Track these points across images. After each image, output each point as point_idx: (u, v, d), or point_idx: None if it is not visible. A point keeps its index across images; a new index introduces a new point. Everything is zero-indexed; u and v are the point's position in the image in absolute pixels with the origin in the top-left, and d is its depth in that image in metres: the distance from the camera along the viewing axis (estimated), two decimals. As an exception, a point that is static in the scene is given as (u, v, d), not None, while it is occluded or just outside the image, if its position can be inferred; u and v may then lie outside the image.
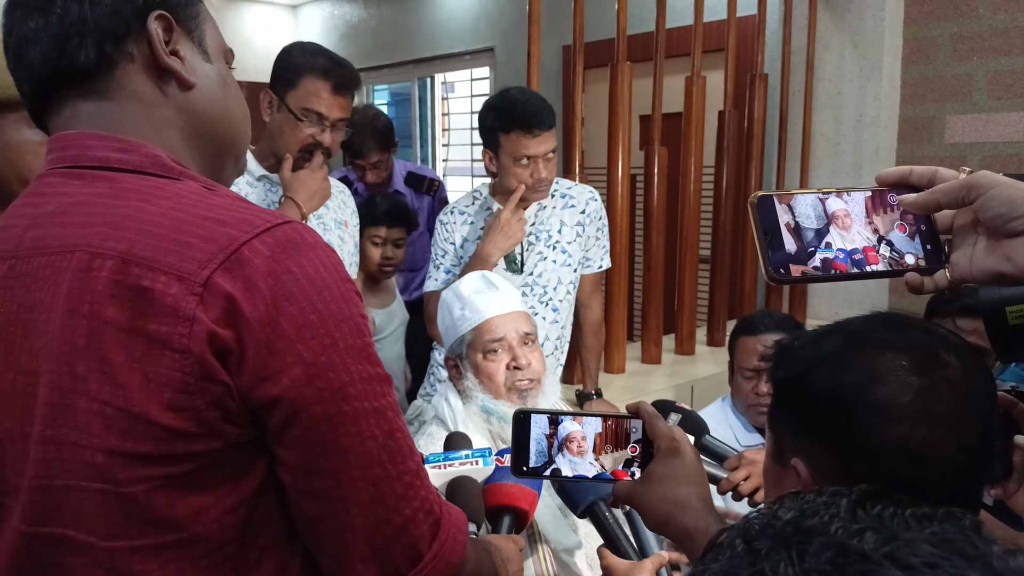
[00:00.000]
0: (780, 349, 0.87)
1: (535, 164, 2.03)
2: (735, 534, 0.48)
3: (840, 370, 0.77)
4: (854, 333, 0.80)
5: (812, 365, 0.80)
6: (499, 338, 1.57)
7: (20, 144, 1.16)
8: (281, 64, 1.83)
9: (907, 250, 0.73)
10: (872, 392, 0.74)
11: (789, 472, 0.81)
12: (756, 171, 3.11)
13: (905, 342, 0.77)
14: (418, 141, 5.99)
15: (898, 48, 3.17)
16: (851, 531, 0.45)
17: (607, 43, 2.67)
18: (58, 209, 0.76)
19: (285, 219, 0.74)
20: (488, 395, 1.56)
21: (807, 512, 0.47)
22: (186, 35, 0.83)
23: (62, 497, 0.73)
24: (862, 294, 3.25)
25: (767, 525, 0.47)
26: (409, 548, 0.77)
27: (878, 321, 0.81)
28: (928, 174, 0.73)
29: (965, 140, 3.07)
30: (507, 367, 1.57)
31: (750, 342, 2.01)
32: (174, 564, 0.73)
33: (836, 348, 0.79)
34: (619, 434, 0.95)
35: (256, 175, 1.87)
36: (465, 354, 1.60)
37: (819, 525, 0.46)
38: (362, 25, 6.02)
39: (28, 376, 0.74)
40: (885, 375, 0.74)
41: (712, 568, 0.47)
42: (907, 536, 0.44)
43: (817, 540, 0.44)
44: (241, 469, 0.74)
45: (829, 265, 0.71)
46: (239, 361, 0.69)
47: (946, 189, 0.70)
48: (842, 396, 0.76)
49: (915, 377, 0.74)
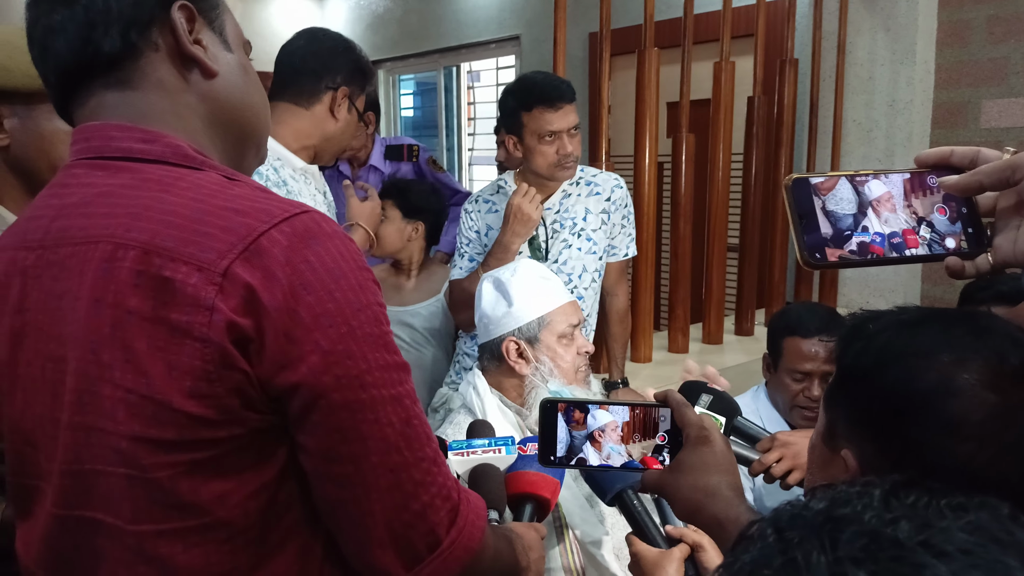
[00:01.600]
0: (851, 330, 0.82)
1: (560, 140, 2.03)
2: (766, 525, 0.47)
3: (913, 373, 0.72)
4: (936, 333, 0.75)
5: (885, 360, 0.75)
6: (576, 323, 1.62)
7: (52, 134, 1.17)
8: (359, 63, 1.79)
9: (948, 233, 0.71)
10: (943, 404, 0.70)
11: (837, 459, 0.79)
12: (786, 158, 3.06)
13: (991, 354, 0.71)
14: (444, 131, 5.99)
15: (932, 31, 3.11)
16: (884, 519, 0.44)
17: (634, 29, 2.65)
18: (83, 200, 0.77)
19: (303, 208, 0.74)
20: (560, 379, 1.57)
21: (839, 501, 0.47)
22: (207, 25, 0.84)
23: (92, 481, 0.75)
24: (894, 282, 3.20)
25: (798, 515, 0.47)
26: (428, 533, 0.77)
27: (966, 324, 0.75)
28: (970, 155, 0.70)
29: (1001, 125, 3.00)
30: (578, 353, 1.61)
31: (802, 344, 1.94)
32: (199, 548, 0.74)
33: (913, 346, 0.74)
34: (647, 423, 0.94)
35: (297, 166, 1.78)
36: (539, 337, 1.59)
37: (851, 514, 0.45)
38: (388, 15, 6.02)
39: (57, 363, 0.76)
40: (960, 388, 0.70)
41: (743, 559, 0.46)
42: (942, 524, 0.43)
43: (850, 528, 0.44)
44: (263, 455, 0.75)
45: (866, 249, 0.69)
46: (258, 349, 0.70)
47: (989, 170, 0.67)
48: (911, 402, 0.72)
49: (991, 395, 0.69)
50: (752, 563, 0.45)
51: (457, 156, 5.96)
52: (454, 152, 5.97)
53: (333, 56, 1.74)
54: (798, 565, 0.43)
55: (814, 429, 0.87)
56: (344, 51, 1.77)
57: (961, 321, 0.75)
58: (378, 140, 3.08)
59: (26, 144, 1.17)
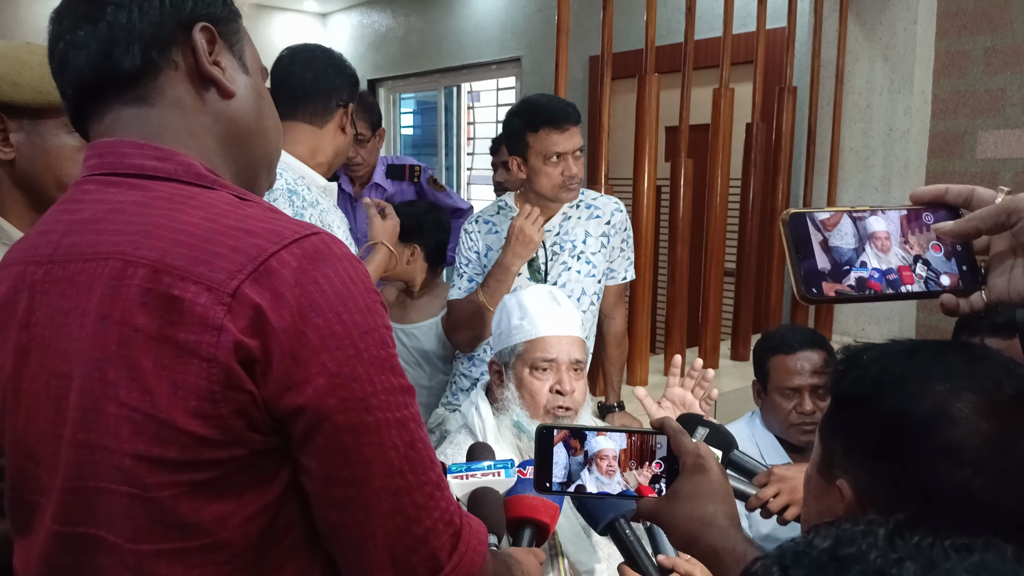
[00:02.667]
0: (847, 360, 0.83)
1: (565, 161, 2.04)
2: (770, 563, 0.47)
3: (909, 400, 0.73)
4: (931, 360, 0.75)
5: (881, 387, 0.76)
6: (551, 359, 1.56)
7: (59, 150, 1.18)
8: (354, 77, 1.85)
9: (943, 271, 0.71)
10: (939, 430, 0.70)
11: (833, 489, 0.79)
12: (783, 184, 3.08)
13: (986, 382, 0.72)
14: (443, 150, 6.02)
15: (930, 61, 3.14)
16: (890, 560, 0.44)
17: (634, 54, 2.67)
18: (93, 216, 0.77)
19: (313, 230, 0.74)
20: (525, 412, 1.55)
21: (843, 540, 0.47)
22: (227, 48, 0.85)
23: (94, 499, 0.75)
24: (889, 310, 3.21)
25: (802, 553, 0.47)
26: (429, 558, 0.77)
27: (961, 353, 0.77)
28: (964, 193, 0.71)
29: (997, 156, 3.03)
30: (551, 389, 1.56)
31: (787, 361, 1.97)
32: (198, 569, 0.74)
33: (909, 374, 0.75)
34: (644, 450, 0.94)
35: (320, 184, 1.82)
36: (512, 364, 1.58)
37: (856, 554, 0.45)
38: (390, 34, 6.06)
39: (61, 379, 0.76)
40: (955, 415, 0.70)
41: None
42: (947, 565, 0.43)
43: (854, 569, 0.44)
44: (265, 476, 0.75)
45: (864, 284, 0.70)
46: (265, 371, 0.70)
47: (984, 215, 0.68)
48: (907, 428, 0.72)
49: (987, 423, 0.70)
50: None
51: (456, 175, 5.99)
52: (453, 171, 6.00)
53: (338, 73, 1.78)
54: None
55: (810, 461, 0.87)
56: (343, 67, 1.82)
57: (956, 350, 0.76)
58: (380, 159, 3.10)
59: (32, 159, 1.17)
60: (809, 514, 0.86)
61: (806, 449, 1.95)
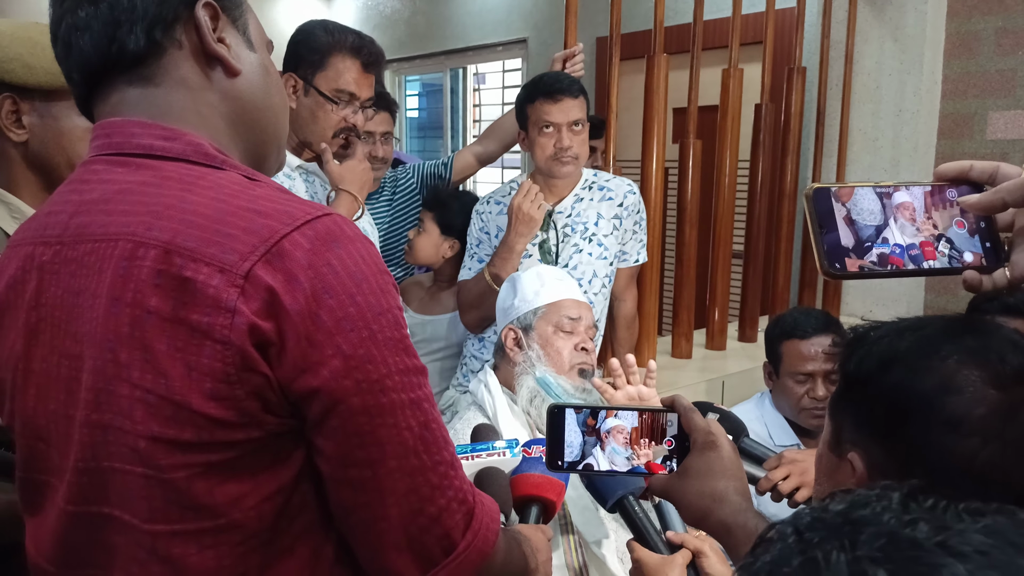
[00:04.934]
0: (854, 339, 0.83)
1: (559, 133, 2.04)
2: (785, 527, 0.48)
3: (915, 374, 0.74)
4: (937, 335, 0.76)
5: (887, 363, 0.76)
6: (576, 317, 1.64)
7: (71, 131, 1.18)
8: (304, 44, 1.72)
9: (966, 247, 0.71)
10: (945, 401, 0.71)
11: (844, 464, 0.80)
12: (792, 166, 3.07)
13: (991, 355, 0.72)
14: (449, 132, 6.00)
15: (940, 42, 3.11)
16: (903, 521, 0.45)
17: (641, 35, 2.65)
18: (102, 196, 0.77)
19: (325, 211, 0.74)
20: (550, 369, 1.57)
21: (858, 504, 0.47)
22: (231, 24, 0.84)
23: (108, 479, 0.75)
24: (897, 291, 3.20)
25: (817, 518, 0.47)
26: (443, 537, 0.77)
27: (966, 328, 0.77)
28: (989, 169, 0.70)
29: (1007, 137, 3.01)
30: (575, 347, 1.62)
31: (801, 346, 1.96)
32: (212, 549, 0.74)
33: (914, 349, 0.75)
34: (655, 428, 0.95)
35: (292, 165, 1.79)
36: (533, 325, 1.63)
37: (871, 516, 0.46)
38: (396, 16, 6.03)
39: (72, 360, 0.76)
40: (961, 385, 0.71)
41: (763, 559, 0.47)
42: (959, 526, 0.44)
43: (869, 529, 0.44)
44: (280, 458, 0.75)
45: (886, 260, 0.70)
46: (279, 353, 0.70)
47: (1012, 187, 0.68)
48: (913, 401, 0.73)
49: (993, 391, 0.70)
50: (771, 563, 0.46)
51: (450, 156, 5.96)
52: (459, 154, 5.97)
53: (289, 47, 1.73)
54: (818, 564, 0.43)
55: (820, 440, 0.88)
56: (299, 39, 1.74)
57: (961, 325, 0.77)
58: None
59: (45, 140, 1.18)
60: (822, 492, 0.87)
61: (817, 433, 1.96)
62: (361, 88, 1.75)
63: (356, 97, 1.74)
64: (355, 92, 1.74)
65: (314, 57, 1.72)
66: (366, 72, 1.75)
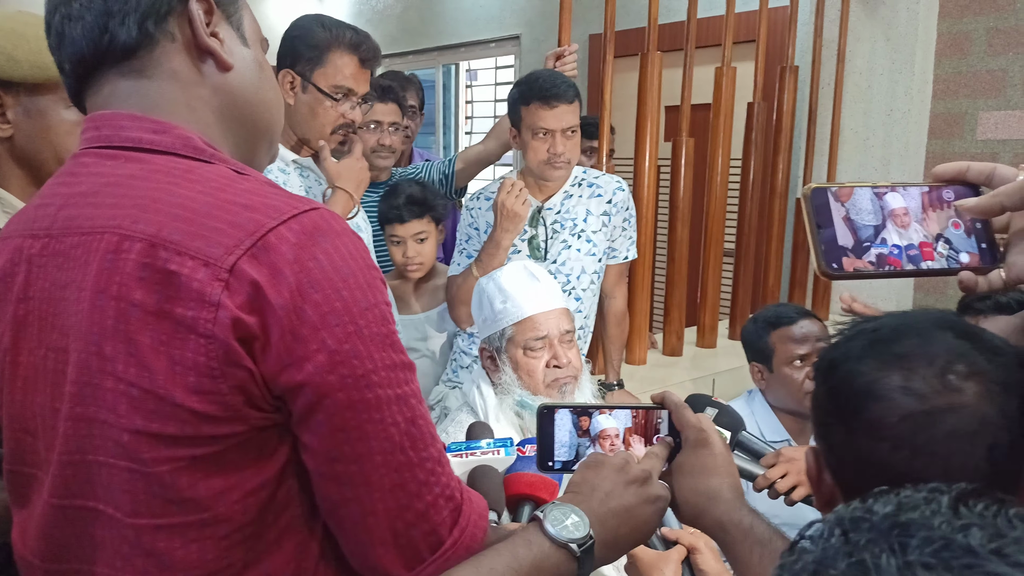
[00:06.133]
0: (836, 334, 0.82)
1: (553, 139, 2.03)
2: (827, 528, 0.47)
3: (852, 375, 0.73)
4: (882, 335, 0.75)
5: (835, 361, 0.76)
6: (542, 336, 1.57)
7: (57, 125, 1.17)
8: (302, 40, 1.72)
9: (963, 248, 0.71)
10: (865, 405, 0.71)
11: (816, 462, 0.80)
12: (783, 164, 3.07)
13: (924, 355, 0.70)
14: (441, 129, 5.99)
15: (931, 42, 3.12)
16: (955, 526, 0.44)
17: (634, 32, 2.65)
18: (91, 189, 0.77)
19: (312, 205, 0.74)
20: (526, 391, 1.55)
21: (906, 506, 0.47)
22: (225, 18, 0.83)
23: (93, 472, 0.75)
24: (887, 290, 3.21)
25: (861, 519, 0.47)
26: (430, 533, 0.77)
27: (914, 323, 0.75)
28: (986, 171, 0.71)
29: (997, 137, 3.02)
30: (547, 364, 1.57)
31: (790, 331, 1.99)
32: (196, 544, 0.73)
33: (858, 348, 0.75)
34: (647, 426, 0.94)
35: (287, 160, 1.78)
36: (504, 348, 1.59)
37: (920, 519, 0.45)
38: (388, 11, 6.01)
39: (58, 353, 0.76)
40: (881, 391, 0.70)
41: (805, 558, 0.46)
42: (1014, 534, 0.43)
43: (920, 534, 0.44)
44: (265, 452, 0.75)
45: (884, 261, 0.70)
46: (263, 347, 0.70)
47: (1009, 191, 0.68)
48: (844, 402, 0.73)
49: (909, 399, 0.68)
50: (816, 563, 0.45)
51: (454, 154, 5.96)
52: (451, 150, 5.97)
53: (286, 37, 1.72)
54: (867, 567, 0.43)
55: None
56: (295, 34, 1.73)
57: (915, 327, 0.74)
58: None
59: (31, 134, 1.16)
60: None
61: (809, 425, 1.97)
62: (359, 84, 1.75)
63: (354, 93, 1.75)
64: (353, 88, 1.74)
65: (312, 53, 1.72)
66: (364, 68, 1.75)
